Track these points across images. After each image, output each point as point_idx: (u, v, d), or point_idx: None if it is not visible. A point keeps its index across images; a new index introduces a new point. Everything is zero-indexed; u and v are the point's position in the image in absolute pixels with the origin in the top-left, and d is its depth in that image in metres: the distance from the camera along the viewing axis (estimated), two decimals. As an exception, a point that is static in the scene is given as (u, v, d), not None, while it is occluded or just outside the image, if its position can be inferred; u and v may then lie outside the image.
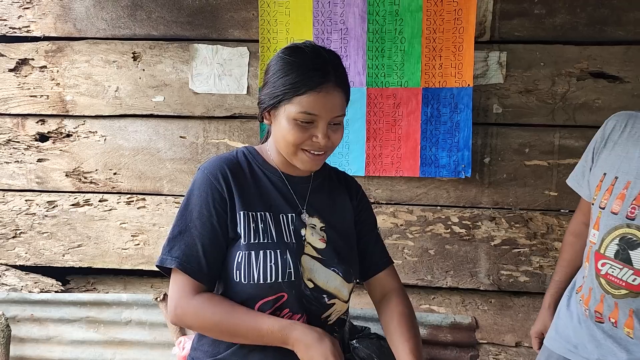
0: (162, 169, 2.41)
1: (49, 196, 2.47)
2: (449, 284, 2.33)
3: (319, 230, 1.33)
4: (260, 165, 1.34)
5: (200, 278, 1.24)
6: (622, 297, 1.48)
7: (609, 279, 1.50)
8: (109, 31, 2.35)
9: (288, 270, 1.24)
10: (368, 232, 1.45)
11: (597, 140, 1.63)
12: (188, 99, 2.34)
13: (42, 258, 2.51)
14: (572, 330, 1.64)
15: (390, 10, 2.17)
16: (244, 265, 1.23)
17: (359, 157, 2.26)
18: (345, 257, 1.34)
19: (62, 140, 2.43)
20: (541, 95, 2.18)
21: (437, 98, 2.19)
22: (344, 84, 1.27)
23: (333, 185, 1.42)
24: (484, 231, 2.27)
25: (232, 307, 1.23)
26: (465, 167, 2.21)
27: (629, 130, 1.55)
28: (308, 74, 1.21)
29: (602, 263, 1.52)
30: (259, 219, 1.27)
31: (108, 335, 2.50)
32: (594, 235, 1.55)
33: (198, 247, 1.23)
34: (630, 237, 1.46)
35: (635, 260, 1.45)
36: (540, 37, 2.15)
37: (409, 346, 1.30)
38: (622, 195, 1.48)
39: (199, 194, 1.26)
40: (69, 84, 2.39)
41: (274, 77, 1.25)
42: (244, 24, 2.28)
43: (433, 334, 2.34)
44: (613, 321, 1.52)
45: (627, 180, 1.49)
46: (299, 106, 1.21)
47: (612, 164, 1.55)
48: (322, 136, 1.23)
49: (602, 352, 1.55)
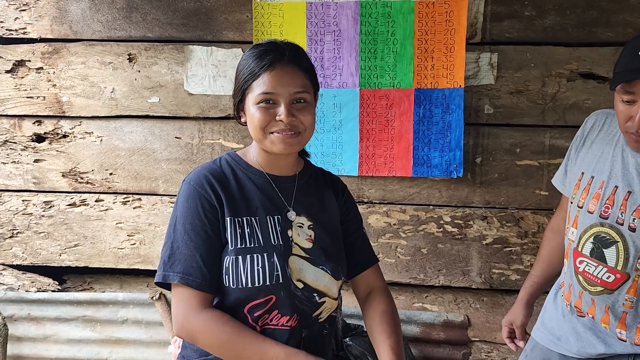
0: (157, 169, 2.43)
1: (45, 196, 2.49)
2: (442, 282, 2.35)
3: (307, 228, 1.35)
4: (244, 169, 1.35)
5: (205, 288, 1.25)
6: (598, 293, 1.51)
7: (586, 276, 1.54)
8: (105, 33, 2.37)
9: (276, 272, 1.26)
10: (355, 231, 1.48)
11: (578, 138, 1.66)
12: (183, 100, 2.36)
13: (39, 257, 2.53)
14: (557, 323, 1.68)
15: (382, 12, 2.20)
16: (232, 270, 1.26)
17: (352, 157, 2.29)
18: (332, 255, 1.36)
19: (58, 141, 2.45)
20: (532, 96, 2.20)
21: (429, 99, 2.22)
22: (301, 62, 1.30)
23: (319, 184, 1.45)
24: (475, 230, 2.30)
25: (240, 328, 1.24)
26: (457, 167, 2.24)
27: (605, 129, 1.58)
28: (261, 57, 1.26)
29: (580, 260, 1.55)
30: (245, 224, 1.29)
31: (104, 334, 2.53)
32: (572, 233, 1.58)
33: (197, 258, 1.25)
34: (603, 236, 1.50)
35: (609, 258, 1.48)
36: (530, 39, 2.18)
37: (390, 343, 1.32)
38: (598, 195, 1.52)
39: (188, 206, 1.27)
40: (65, 85, 2.41)
41: (238, 75, 1.31)
42: (238, 25, 2.31)
43: (426, 332, 2.37)
44: (591, 316, 1.55)
45: (601, 180, 1.52)
46: (258, 89, 1.25)
47: (589, 163, 1.58)
48: (284, 114, 1.25)
49: (581, 345, 1.59)
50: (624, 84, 1.35)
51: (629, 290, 1.47)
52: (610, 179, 1.50)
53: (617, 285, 1.47)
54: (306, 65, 1.31)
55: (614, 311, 1.50)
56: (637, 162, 1.47)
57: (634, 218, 1.44)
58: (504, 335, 1.83)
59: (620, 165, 1.50)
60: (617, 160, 1.51)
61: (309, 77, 1.31)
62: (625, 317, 1.49)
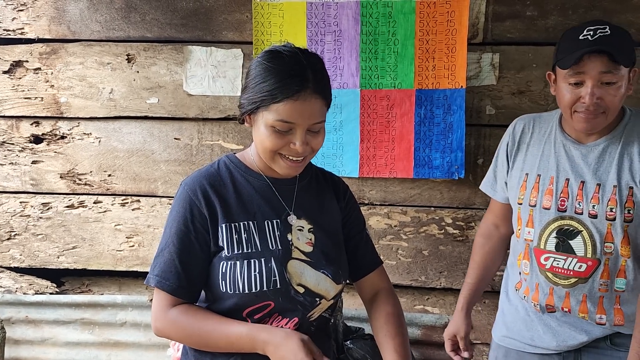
0: (156, 170, 2.41)
1: (43, 198, 2.47)
2: (443, 284, 2.34)
3: (307, 232, 1.33)
4: (243, 172, 1.33)
5: (179, 294, 1.25)
6: (572, 285, 1.55)
7: (555, 272, 1.56)
8: (103, 33, 2.35)
9: (273, 278, 1.24)
10: (357, 233, 1.46)
11: (508, 144, 1.71)
12: (182, 101, 2.34)
13: (36, 260, 2.51)
14: (524, 324, 1.68)
15: (383, 13, 2.18)
16: (229, 276, 1.24)
17: (353, 158, 2.27)
18: (333, 259, 1.34)
19: (56, 142, 2.44)
20: (533, 97, 2.19)
21: (430, 99, 2.20)
22: (324, 90, 1.24)
23: (320, 186, 1.42)
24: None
25: (203, 316, 1.25)
26: (458, 168, 2.22)
27: (537, 130, 1.65)
28: (285, 81, 1.18)
29: (545, 257, 1.57)
30: (242, 229, 1.27)
31: (103, 336, 2.51)
32: (529, 233, 1.61)
33: (176, 263, 1.25)
34: (567, 228, 1.55)
35: (576, 249, 1.54)
36: (532, 39, 2.17)
37: (394, 344, 1.31)
38: (550, 191, 1.57)
39: (178, 210, 1.27)
40: (63, 85, 2.39)
41: (253, 82, 1.23)
42: (237, 26, 2.29)
43: (427, 335, 2.35)
44: (566, 310, 1.57)
45: (550, 176, 1.58)
46: (276, 114, 1.19)
47: (531, 164, 1.63)
48: (299, 144, 1.21)
49: (560, 339, 1.60)
50: (573, 66, 1.44)
51: (602, 275, 1.53)
52: (560, 174, 1.56)
53: (590, 272, 1.53)
54: (328, 92, 1.26)
55: (591, 298, 1.54)
56: (581, 153, 1.55)
57: (593, 205, 1.51)
58: (447, 349, 1.81)
59: (566, 159, 1.56)
60: (561, 155, 1.57)
61: (327, 102, 1.26)
62: (602, 301, 1.54)
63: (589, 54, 1.42)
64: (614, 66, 1.42)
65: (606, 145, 1.53)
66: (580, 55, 1.42)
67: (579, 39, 1.45)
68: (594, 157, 1.53)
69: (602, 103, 1.44)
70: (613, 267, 1.52)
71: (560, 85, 1.51)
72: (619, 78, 1.44)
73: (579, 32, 1.47)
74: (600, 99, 1.44)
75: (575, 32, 1.48)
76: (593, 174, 1.52)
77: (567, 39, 1.51)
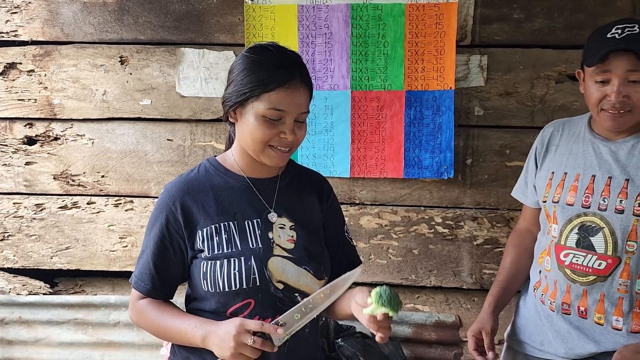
0: (149, 171, 2.43)
1: (37, 199, 2.49)
2: (433, 283, 2.37)
3: (288, 229, 1.35)
4: (223, 175, 1.36)
5: (152, 295, 1.35)
6: (590, 283, 1.52)
7: (574, 268, 1.54)
8: (97, 35, 2.37)
9: (252, 276, 1.27)
10: (337, 235, 1.47)
11: (537, 148, 1.72)
12: (175, 102, 2.37)
13: (30, 260, 2.52)
14: (535, 328, 1.67)
15: (373, 15, 2.22)
16: (209, 275, 1.28)
17: (344, 159, 2.30)
18: (315, 255, 1.36)
19: (49, 144, 2.45)
20: (521, 98, 2.23)
21: (419, 101, 2.23)
22: (309, 82, 1.32)
23: (302, 184, 1.44)
24: (466, 231, 2.32)
25: (164, 309, 1.34)
26: (447, 169, 2.26)
27: (567, 132, 1.66)
28: (276, 71, 1.25)
29: (565, 254, 1.56)
30: (223, 230, 1.30)
31: (96, 336, 2.52)
32: (554, 230, 1.60)
33: (151, 266, 1.33)
34: (589, 225, 1.53)
35: (597, 246, 1.51)
36: (519, 41, 2.21)
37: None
38: (574, 187, 1.56)
39: (156, 215, 1.33)
40: (57, 87, 2.41)
41: (240, 76, 1.28)
42: (230, 28, 2.32)
43: (418, 333, 2.38)
44: (583, 309, 1.54)
45: (576, 173, 1.57)
46: (268, 103, 1.24)
47: (558, 162, 1.63)
48: (289, 132, 1.26)
49: (569, 346, 1.58)
50: (599, 64, 1.44)
51: (622, 274, 1.48)
52: (586, 170, 1.56)
53: (609, 271, 1.49)
54: (311, 84, 1.33)
55: (609, 298, 1.50)
56: (610, 150, 1.54)
57: (620, 200, 1.49)
58: (471, 348, 1.68)
59: (594, 156, 1.56)
60: (588, 153, 1.57)
61: (311, 95, 1.34)
62: (621, 302, 1.49)
63: (615, 52, 1.42)
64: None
65: (636, 142, 1.52)
66: (606, 53, 1.42)
67: (606, 37, 1.45)
68: (624, 153, 1.52)
69: (629, 101, 1.44)
70: (635, 267, 1.48)
71: (587, 83, 1.51)
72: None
73: (607, 30, 1.46)
74: (626, 97, 1.44)
75: (604, 30, 1.48)
76: (622, 170, 1.51)
77: (595, 37, 1.50)
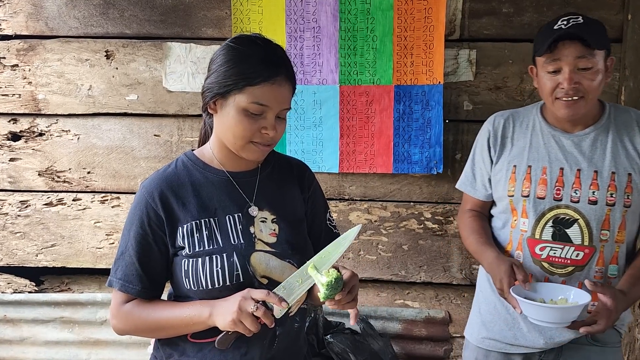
0: (136, 167, 2.40)
1: (21, 196, 2.45)
2: (423, 278, 2.36)
3: (270, 222, 1.32)
4: (201, 169, 1.32)
5: (143, 295, 1.28)
6: (569, 274, 1.58)
7: (551, 261, 1.59)
8: (81, 29, 2.34)
9: (235, 272, 1.24)
10: (320, 222, 1.45)
11: (490, 139, 1.70)
12: (162, 97, 2.34)
13: (15, 258, 2.48)
14: (504, 323, 1.67)
15: (361, 9, 2.20)
16: (191, 273, 1.25)
17: (333, 154, 2.28)
18: (298, 248, 1.33)
19: (34, 139, 2.42)
20: (510, 92, 2.22)
21: (408, 95, 2.22)
22: (293, 78, 1.29)
23: (283, 174, 1.41)
24: (456, 226, 2.30)
25: (155, 305, 1.28)
26: (437, 164, 2.24)
27: (518, 124, 1.68)
28: (262, 66, 1.21)
29: (541, 247, 1.59)
30: (203, 227, 1.27)
31: (83, 335, 2.49)
32: (524, 224, 1.61)
33: (137, 266, 1.27)
34: (562, 217, 1.57)
35: (573, 237, 1.56)
36: (508, 36, 2.20)
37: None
38: (544, 181, 1.59)
39: (135, 213, 1.28)
40: (41, 82, 2.37)
41: (224, 67, 1.23)
42: (217, 22, 2.29)
43: (408, 329, 2.37)
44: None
45: (542, 166, 1.60)
46: (251, 96, 1.21)
47: (518, 156, 1.65)
48: (270, 127, 1.23)
49: (548, 336, 1.60)
50: (548, 54, 1.51)
51: (598, 262, 1.57)
52: (552, 163, 1.59)
53: (586, 260, 1.56)
54: (295, 80, 1.30)
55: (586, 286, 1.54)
56: (573, 142, 1.59)
57: (593, 191, 1.55)
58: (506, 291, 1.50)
59: (557, 149, 1.60)
60: (551, 146, 1.61)
61: (294, 92, 1.31)
62: None
63: (563, 41, 1.49)
64: (588, 51, 1.48)
65: (596, 135, 1.58)
66: (554, 41, 1.49)
67: (553, 28, 1.53)
68: (587, 145, 1.58)
69: (581, 87, 1.50)
70: (608, 254, 1.57)
71: (540, 75, 1.57)
72: (594, 63, 1.49)
73: (554, 23, 1.55)
74: (578, 84, 1.49)
75: (551, 23, 1.57)
76: (589, 162, 1.57)
77: (543, 31, 1.58)
